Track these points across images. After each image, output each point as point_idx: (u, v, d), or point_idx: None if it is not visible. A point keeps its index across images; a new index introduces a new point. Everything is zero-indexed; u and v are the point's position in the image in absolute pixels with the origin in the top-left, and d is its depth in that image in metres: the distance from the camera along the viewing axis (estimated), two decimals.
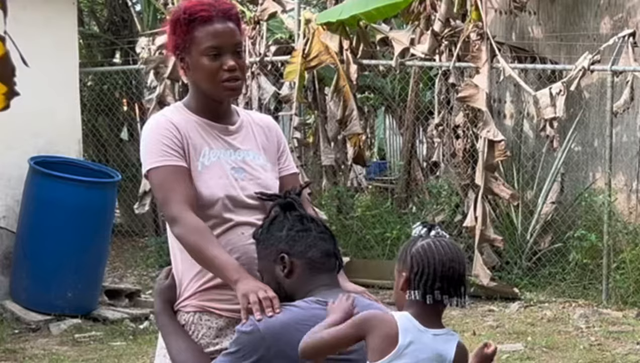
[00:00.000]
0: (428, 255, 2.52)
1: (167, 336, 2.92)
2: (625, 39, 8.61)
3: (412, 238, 2.61)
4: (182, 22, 2.91)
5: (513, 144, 9.73)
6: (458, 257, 2.55)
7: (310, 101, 10.20)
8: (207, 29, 2.89)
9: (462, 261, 2.56)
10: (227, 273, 2.73)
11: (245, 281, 2.68)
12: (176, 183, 2.85)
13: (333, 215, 9.85)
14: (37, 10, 8.02)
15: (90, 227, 7.58)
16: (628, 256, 8.44)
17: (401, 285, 2.55)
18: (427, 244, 2.55)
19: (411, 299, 2.52)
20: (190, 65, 2.93)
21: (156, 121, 2.97)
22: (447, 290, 2.51)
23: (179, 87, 9.88)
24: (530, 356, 6.72)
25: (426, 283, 2.50)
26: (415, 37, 9.29)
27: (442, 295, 2.51)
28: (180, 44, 2.93)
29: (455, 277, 2.52)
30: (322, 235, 2.79)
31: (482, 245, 8.63)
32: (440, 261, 2.51)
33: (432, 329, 2.54)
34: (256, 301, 2.59)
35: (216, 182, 2.91)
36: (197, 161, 2.91)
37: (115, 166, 10.49)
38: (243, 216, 2.90)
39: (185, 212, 2.81)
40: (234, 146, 2.98)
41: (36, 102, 7.45)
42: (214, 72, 2.89)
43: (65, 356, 6.79)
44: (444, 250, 2.54)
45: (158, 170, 2.88)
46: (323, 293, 2.68)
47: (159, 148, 2.88)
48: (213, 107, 2.98)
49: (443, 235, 2.61)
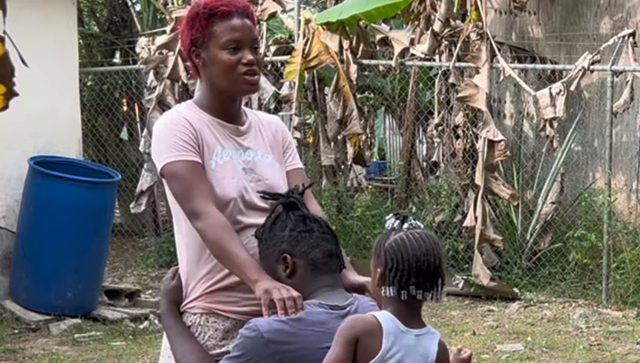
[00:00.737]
0: (402, 250, 2.46)
1: (172, 338, 2.91)
2: (625, 39, 8.61)
3: (386, 231, 2.54)
4: (202, 17, 2.91)
5: (513, 144, 9.73)
6: (433, 249, 2.47)
7: (310, 101, 10.20)
8: (227, 23, 2.90)
9: (438, 253, 2.49)
10: (247, 271, 2.71)
11: (267, 281, 2.66)
12: (197, 178, 2.83)
13: (333, 215, 9.85)
14: (37, 10, 8.02)
15: (90, 227, 7.58)
16: (628, 256, 8.44)
17: (377, 281, 2.51)
18: (400, 238, 2.48)
19: (387, 295, 2.48)
20: (207, 60, 2.92)
21: (170, 117, 2.94)
22: (422, 284, 2.45)
23: (179, 87, 9.88)
24: (530, 356, 6.72)
25: (401, 279, 2.44)
26: (415, 37, 9.29)
27: (417, 290, 2.44)
28: (199, 39, 2.91)
29: (430, 271, 2.46)
30: (324, 235, 2.78)
31: (482, 245, 8.62)
32: (415, 255, 2.45)
33: (414, 329, 2.48)
34: (281, 299, 2.57)
35: (229, 182, 2.89)
36: (211, 159, 2.90)
37: (115, 166, 10.49)
38: (253, 218, 2.89)
39: (209, 207, 2.78)
40: (244, 146, 2.98)
41: (36, 102, 7.45)
42: (233, 66, 2.89)
43: (65, 356, 6.79)
44: (417, 244, 2.46)
45: (176, 164, 2.85)
46: (325, 295, 2.67)
47: (175, 142, 2.86)
48: (226, 106, 2.97)
49: (416, 226, 2.52)
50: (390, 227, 2.52)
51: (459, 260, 9.31)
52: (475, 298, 8.62)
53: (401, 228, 2.50)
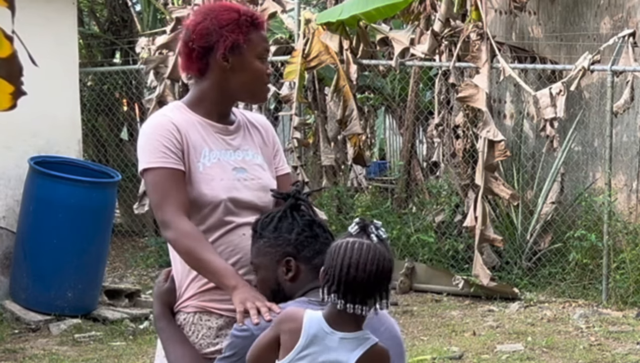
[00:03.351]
0: (335, 256, 2.38)
1: (165, 341, 2.92)
2: (625, 39, 8.60)
3: (343, 234, 2.46)
4: (244, 23, 2.96)
5: (513, 144, 9.73)
6: (368, 265, 2.35)
7: (310, 101, 10.20)
8: (261, 34, 3.00)
9: (375, 269, 2.35)
10: (223, 279, 2.74)
11: (243, 289, 2.69)
12: (172, 187, 2.86)
13: (333, 215, 9.85)
14: (37, 10, 8.01)
15: (90, 227, 7.58)
16: (628, 256, 8.44)
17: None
18: (345, 243, 2.39)
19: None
20: (238, 66, 2.95)
21: (157, 120, 2.96)
22: (343, 295, 2.36)
23: (179, 87, 9.88)
24: (530, 356, 6.72)
25: (327, 283, 2.39)
26: (415, 37, 9.29)
27: (338, 299, 2.36)
28: (240, 44, 2.94)
29: (353, 285, 2.35)
30: (327, 241, 2.77)
31: (482, 245, 8.62)
32: (346, 264, 2.35)
33: (342, 332, 2.40)
34: (254, 307, 2.60)
35: (218, 184, 2.91)
36: (198, 161, 2.92)
37: (115, 166, 10.50)
38: (245, 217, 2.91)
39: (178, 217, 2.82)
40: (234, 146, 3.00)
41: (36, 102, 7.43)
42: (263, 75, 2.99)
43: (65, 356, 6.79)
44: (353, 253, 2.36)
45: (155, 171, 2.89)
46: (316, 294, 2.67)
47: (157, 148, 2.89)
48: (224, 108, 3.01)
49: (374, 235, 2.39)
50: (348, 230, 2.44)
51: (459, 260, 9.31)
52: (475, 298, 8.62)
53: (357, 234, 2.40)
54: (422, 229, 9.54)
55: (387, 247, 2.42)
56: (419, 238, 9.36)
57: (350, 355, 2.40)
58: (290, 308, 2.53)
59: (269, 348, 2.46)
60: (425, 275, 9.02)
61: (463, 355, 6.73)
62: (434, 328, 7.63)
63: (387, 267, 2.39)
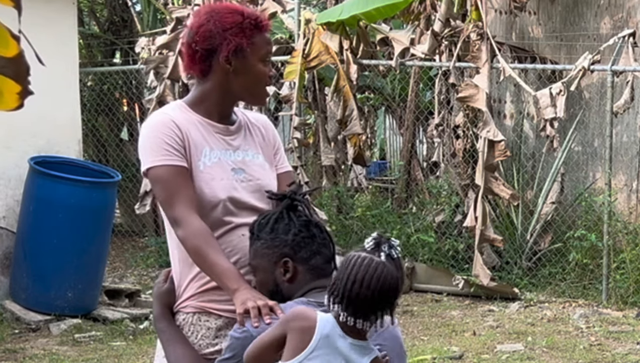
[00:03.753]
0: (344, 269, 2.40)
1: (165, 342, 2.92)
2: (625, 39, 8.60)
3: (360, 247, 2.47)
4: (248, 26, 2.94)
5: (513, 144, 9.73)
6: (373, 283, 2.36)
7: (310, 101, 10.20)
8: (264, 36, 2.98)
9: (377, 289, 2.36)
10: (226, 281, 2.73)
11: (245, 291, 2.68)
12: (180, 184, 2.85)
13: (333, 215, 9.86)
14: (37, 10, 8.01)
15: (90, 227, 7.58)
16: (628, 256, 8.44)
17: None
18: (355, 257, 2.40)
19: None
20: (240, 68, 2.94)
21: (158, 119, 2.95)
22: (345, 308, 2.38)
23: (179, 87, 9.88)
24: (530, 356, 6.72)
25: (332, 293, 2.41)
26: (415, 37, 9.29)
27: (341, 312, 2.38)
28: (244, 47, 2.93)
29: (357, 301, 2.37)
30: (324, 241, 2.78)
31: (482, 245, 8.63)
32: (351, 279, 2.36)
33: (352, 338, 2.42)
34: (255, 307, 2.59)
35: (218, 183, 2.91)
36: (199, 160, 2.91)
37: (115, 166, 10.50)
38: (244, 217, 2.90)
39: (190, 215, 2.81)
40: (234, 146, 2.99)
41: (36, 102, 7.42)
42: (265, 77, 2.99)
43: (65, 356, 6.79)
44: (361, 270, 2.37)
45: (160, 169, 2.87)
46: (315, 295, 2.67)
47: (160, 146, 2.87)
48: (225, 109, 3.00)
49: (386, 254, 2.39)
50: (363, 245, 2.44)
51: (459, 260, 9.31)
52: (475, 298, 8.63)
53: (371, 250, 2.41)
54: (422, 229, 9.54)
55: (399, 266, 2.42)
56: (419, 238, 9.36)
57: (362, 360, 2.43)
58: (300, 307, 2.52)
59: (272, 347, 2.45)
60: (426, 275, 9.03)
61: (463, 355, 6.73)
62: (434, 328, 7.63)
63: (393, 286, 2.39)
